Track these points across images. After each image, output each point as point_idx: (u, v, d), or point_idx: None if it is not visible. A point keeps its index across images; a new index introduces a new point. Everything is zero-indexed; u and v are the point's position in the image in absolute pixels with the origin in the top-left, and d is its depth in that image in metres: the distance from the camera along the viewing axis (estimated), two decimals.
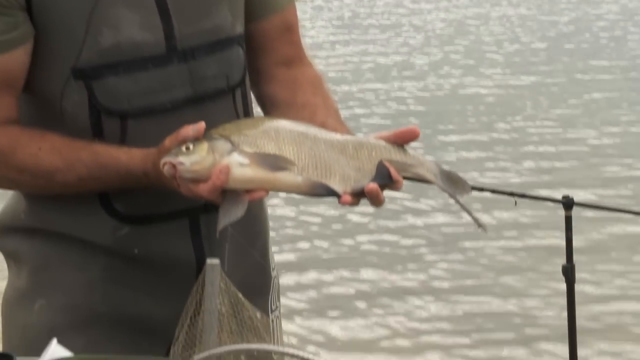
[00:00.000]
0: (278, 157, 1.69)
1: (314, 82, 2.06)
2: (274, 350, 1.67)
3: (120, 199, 1.87)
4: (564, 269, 4.45)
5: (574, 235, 4.43)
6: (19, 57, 1.80)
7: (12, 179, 1.89)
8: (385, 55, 11.38)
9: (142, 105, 1.84)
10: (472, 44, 12.40)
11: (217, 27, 1.90)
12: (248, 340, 1.68)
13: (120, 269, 1.91)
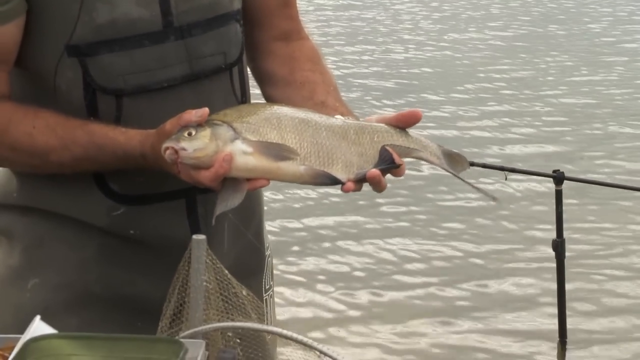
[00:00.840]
0: (281, 146, 1.69)
1: (312, 57, 2.05)
2: (258, 329, 1.68)
3: (116, 179, 1.86)
4: (554, 244, 4.48)
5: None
6: (11, 32, 1.78)
7: (5, 157, 1.88)
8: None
9: (138, 83, 1.82)
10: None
11: (214, 3, 1.88)
12: (235, 319, 1.68)
13: (116, 249, 1.90)
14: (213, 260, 1.68)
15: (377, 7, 12.85)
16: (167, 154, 1.64)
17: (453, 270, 5.76)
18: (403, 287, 5.52)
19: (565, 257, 4.49)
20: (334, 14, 11.99)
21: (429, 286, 5.52)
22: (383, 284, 5.56)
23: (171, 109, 1.76)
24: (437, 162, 1.84)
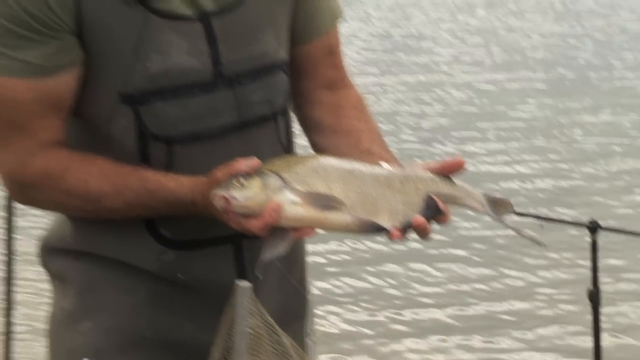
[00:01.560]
0: (329, 197, 1.70)
1: (357, 105, 2.07)
2: None
3: (166, 224, 1.88)
4: (589, 293, 4.44)
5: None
6: (67, 81, 1.81)
7: (60, 202, 1.89)
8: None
9: (188, 131, 1.85)
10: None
11: (262, 53, 1.90)
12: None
13: (165, 293, 1.92)
14: (258, 307, 1.70)
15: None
16: (218, 202, 1.67)
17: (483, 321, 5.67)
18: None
19: (601, 307, 4.45)
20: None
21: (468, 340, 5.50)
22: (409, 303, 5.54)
23: (220, 156, 1.79)
24: (481, 210, 1.85)
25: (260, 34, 1.90)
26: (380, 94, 9.79)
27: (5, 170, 1.86)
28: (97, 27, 1.79)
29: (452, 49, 12.18)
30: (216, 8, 1.85)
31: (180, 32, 1.82)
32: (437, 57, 11.70)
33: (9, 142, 1.82)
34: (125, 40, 1.80)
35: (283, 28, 1.96)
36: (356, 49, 11.71)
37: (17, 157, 1.83)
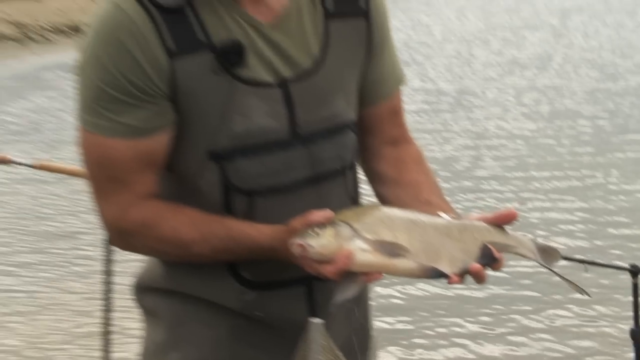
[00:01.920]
0: (395, 244, 1.71)
1: (417, 159, 2.08)
2: None
3: (246, 267, 1.90)
4: (632, 333, 4.39)
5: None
6: (162, 140, 1.84)
7: (154, 249, 1.93)
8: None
9: (267, 185, 1.87)
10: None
11: (334, 115, 1.93)
12: None
13: (245, 329, 1.94)
14: (328, 342, 1.74)
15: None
16: (296, 250, 1.70)
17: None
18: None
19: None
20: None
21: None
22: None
23: (296, 207, 1.82)
24: (532, 257, 1.86)
25: (332, 98, 1.92)
26: (440, 144, 9.77)
27: (106, 220, 1.89)
28: (189, 93, 1.82)
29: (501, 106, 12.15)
30: (294, 75, 1.88)
31: (261, 97, 1.85)
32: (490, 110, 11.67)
33: (110, 195, 1.86)
34: (213, 104, 1.83)
35: (352, 92, 1.98)
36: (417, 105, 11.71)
37: (117, 208, 1.86)
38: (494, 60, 15.96)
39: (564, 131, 10.60)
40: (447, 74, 14.42)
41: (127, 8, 1.80)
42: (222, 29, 1.83)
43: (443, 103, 12.09)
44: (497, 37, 18.86)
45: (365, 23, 1.98)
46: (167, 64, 1.80)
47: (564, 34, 19.77)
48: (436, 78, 14.02)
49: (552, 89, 13.21)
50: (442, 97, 12.49)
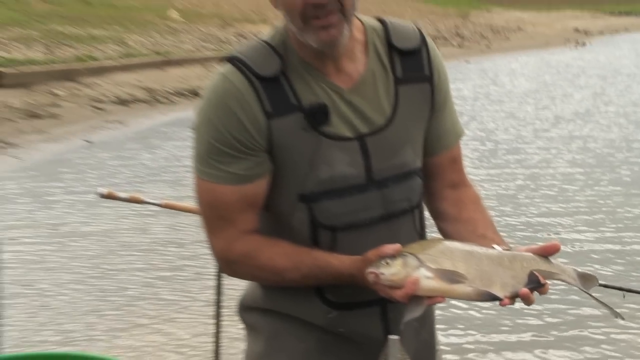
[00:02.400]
0: (454, 272, 1.71)
1: (474, 200, 2.06)
2: None
3: (331, 290, 1.90)
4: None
5: None
6: (261, 185, 1.86)
7: (254, 275, 1.95)
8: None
9: (347, 222, 1.87)
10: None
11: (403, 163, 1.92)
12: None
13: (329, 342, 1.93)
14: (403, 354, 1.73)
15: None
16: (370, 277, 1.70)
17: None
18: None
19: None
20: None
21: None
22: None
23: (371, 241, 1.81)
24: (573, 283, 1.83)
25: (401, 149, 1.91)
26: (496, 184, 9.66)
27: (215, 251, 1.91)
28: (283, 146, 1.83)
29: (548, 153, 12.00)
30: (369, 130, 1.87)
31: (342, 149, 1.85)
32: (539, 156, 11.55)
33: (218, 231, 1.88)
34: (302, 155, 1.84)
35: (418, 143, 1.97)
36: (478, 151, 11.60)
37: (224, 242, 1.88)
38: (542, 114, 15.79)
39: (604, 173, 10.42)
40: (503, 125, 14.28)
41: (233, 79, 1.83)
42: (310, 94, 1.85)
43: (500, 150, 11.94)
44: (544, 95, 18.64)
45: (429, 87, 1.97)
46: (266, 123, 1.82)
47: (604, 92, 19.49)
48: (494, 129, 13.88)
49: (592, 139, 13.02)
50: (499, 145, 12.35)
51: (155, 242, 6.95)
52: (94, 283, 6.06)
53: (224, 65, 1.87)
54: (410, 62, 1.96)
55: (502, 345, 5.15)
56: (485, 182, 9.69)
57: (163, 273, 6.25)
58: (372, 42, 1.93)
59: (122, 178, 9.41)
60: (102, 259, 6.62)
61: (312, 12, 1.77)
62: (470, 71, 21.85)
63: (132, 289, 5.93)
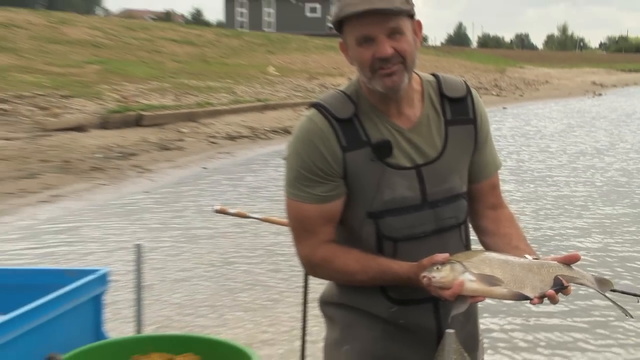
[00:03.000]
0: (493, 277, 1.69)
1: (509, 219, 2.02)
2: None
3: (393, 289, 1.89)
4: None
5: None
6: (338, 205, 1.86)
7: (331, 276, 1.95)
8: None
9: (406, 234, 1.85)
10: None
11: (451, 188, 1.90)
12: None
13: (392, 331, 1.91)
14: (457, 344, 1.71)
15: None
16: (424, 280, 1.69)
17: None
18: None
19: None
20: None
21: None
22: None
23: (425, 250, 1.79)
24: (591, 286, 1.79)
25: (450, 177, 1.89)
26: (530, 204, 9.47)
27: (301, 256, 1.92)
28: (355, 174, 1.83)
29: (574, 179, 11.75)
30: (424, 161, 1.86)
31: (402, 176, 1.84)
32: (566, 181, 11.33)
33: (303, 240, 1.89)
34: (370, 181, 1.83)
35: (464, 171, 1.94)
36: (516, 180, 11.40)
37: (308, 249, 1.89)
38: (567, 149, 15.48)
39: (620, 196, 10.16)
40: (536, 158, 14.03)
41: (317, 120, 1.84)
42: (377, 133, 1.84)
43: (536, 178, 11.72)
44: (569, 134, 18.27)
45: (473, 128, 1.95)
46: (342, 156, 1.82)
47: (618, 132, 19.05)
48: (528, 160, 13.67)
49: (610, 169, 12.72)
50: (533, 173, 12.13)
51: (259, 246, 6.98)
52: (214, 275, 6.13)
53: (310, 109, 1.87)
54: (458, 108, 1.94)
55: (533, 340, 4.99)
56: (521, 201, 9.50)
57: (265, 269, 6.28)
58: (427, 91, 1.92)
59: (231, 195, 9.52)
60: (220, 256, 6.69)
61: (379, 64, 1.77)
62: (507, 115, 21.58)
63: (242, 281, 5.97)
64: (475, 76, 35.51)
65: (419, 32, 1.85)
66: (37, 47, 21.32)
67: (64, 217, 7.93)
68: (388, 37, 1.76)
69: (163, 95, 17.29)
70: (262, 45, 33.47)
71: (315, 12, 54.36)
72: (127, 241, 6.91)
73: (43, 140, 11.67)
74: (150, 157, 11.68)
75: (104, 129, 13.12)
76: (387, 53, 1.75)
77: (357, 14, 1.73)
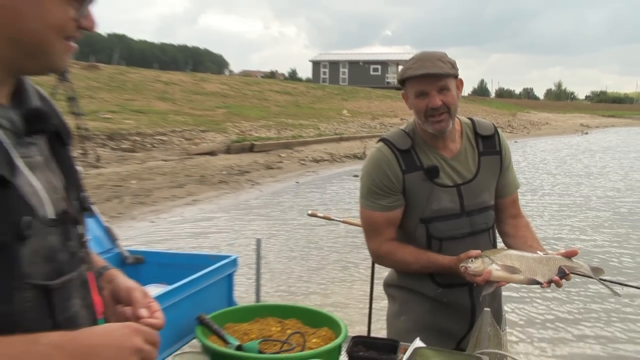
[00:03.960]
0: (513, 267, 1.63)
1: (526, 225, 1.94)
2: (505, 354, 1.60)
3: (438, 276, 1.84)
4: None
5: None
6: (398, 213, 1.82)
7: (392, 265, 1.91)
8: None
9: (448, 235, 1.81)
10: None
11: (483, 201, 1.84)
12: (499, 349, 1.63)
13: (438, 307, 1.86)
14: (493, 321, 1.64)
15: None
16: (462, 269, 1.65)
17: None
18: None
19: None
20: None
21: None
22: None
23: (462, 247, 1.74)
24: (587, 274, 1.71)
25: (482, 193, 1.84)
26: (540, 215, 9.09)
27: (370, 250, 1.88)
28: (411, 190, 1.80)
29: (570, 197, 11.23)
30: (462, 182, 1.82)
31: (446, 192, 1.80)
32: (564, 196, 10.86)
33: (372, 238, 1.86)
34: (422, 195, 1.79)
35: (492, 189, 1.88)
36: (528, 198, 10.99)
37: (376, 245, 1.85)
38: (563, 171, 14.81)
39: (607, 206, 9.67)
40: (540, 178, 13.47)
41: (384, 150, 1.82)
42: (427, 160, 1.81)
43: (540, 192, 11.20)
44: (563, 161, 17.48)
45: (499, 158, 1.89)
46: (402, 176, 1.79)
47: (602, 159, 18.16)
48: (534, 179, 13.11)
49: (598, 186, 12.13)
50: (540, 189, 11.59)
51: (339, 239, 6.93)
52: (310, 257, 6.12)
53: (379, 142, 1.85)
54: (488, 143, 1.88)
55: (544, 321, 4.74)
56: (532, 209, 9.12)
57: (344, 258, 6.22)
58: (465, 130, 1.88)
59: (317, 202, 9.49)
60: (312, 244, 6.71)
61: (431, 112, 1.74)
62: (517, 147, 20.85)
63: (328, 264, 5.94)
64: (494, 118, 34.47)
65: (460, 88, 1.81)
66: (185, 97, 22.04)
67: (200, 216, 8.09)
68: (438, 92, 1.73)
69: (268, 130, 17.53)
70: (339, 95, 33.52)
71: (377, 71, 54.28)
72: (244, 232, 7.02)
73: (187, 161, 12.02)
74: (259, 174, 11.79)
75: (227, 154, 13.40)
76: (437, 104, 1.73)
77: (417, 76, 1.72)
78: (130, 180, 9.77)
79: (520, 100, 79.62)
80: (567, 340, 4.29)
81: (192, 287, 1.49)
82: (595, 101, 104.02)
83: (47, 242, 0.80)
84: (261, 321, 1.57)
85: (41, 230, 0.78)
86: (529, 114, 44.90)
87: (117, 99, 18.48)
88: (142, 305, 0.93)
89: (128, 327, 0.80)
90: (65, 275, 0.82)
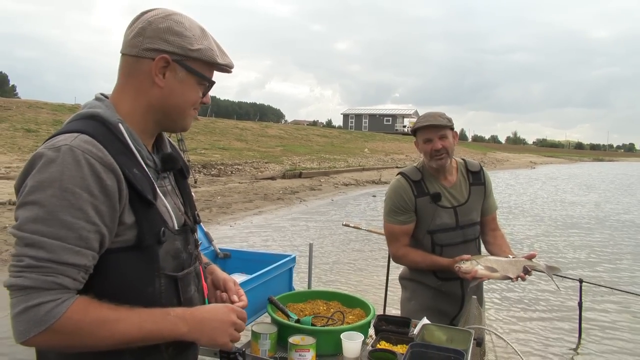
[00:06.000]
0: (492, 267, 1.59)
1: (501, 236, 1.88)
2: (485, 328, 1.53)
3: (439, 272, 1.79)
4: None
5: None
6: (412, 226, 1.79)
7: (406, 264, 1.83)
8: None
9: (447, 243, 1.77)
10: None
11: (472, 219, 1.80)
12: (481, 324, 1.53)
13: (439, 295, 1.81)
14: (477, 305, 1.59)
15: None
16: (456, 268, 1.61)
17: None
18: None
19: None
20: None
21: None
22: None
23: (457, 253, 1.70)
24: (544, 270, 1.64)
25: (471, 212, 1.80)
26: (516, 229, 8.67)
27: (391, 253, 1.84)
28: (421, 209, 1.77)
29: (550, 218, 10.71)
30: (458, 204, 1.78)
31: (446, 212, 1.76)
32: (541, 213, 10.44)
33: (392, 244, 1.82)
34: (428, 213, 1.76)
35: (479, 210, 1.84)
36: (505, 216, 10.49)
37: (395, 249, 1.82)
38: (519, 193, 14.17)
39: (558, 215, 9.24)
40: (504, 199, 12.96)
41: (401, 181, 1.80)
42: (433, 188, 1.78)
43: (511, 210, 10.62)
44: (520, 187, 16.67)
45: (483, 187, 1.86)
46: (414, 200, 1.77)
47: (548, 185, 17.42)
48: (503, 201, 12.65)
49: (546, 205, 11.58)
50: (509, 209, 11.10)
51: (366, 242, 6.76)
52: (337, 254, 5.97)
53: (398, 175, 1.83)
54: (476, 177, 1.85)
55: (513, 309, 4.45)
56: (509, 228, 8.52)
57: (369, 255, 6.06)
58: (460, 167, 1.85)
59: (347, 215, 9.31)
60: (343, 244, 6.56)
61: (434, 153, 1.73)
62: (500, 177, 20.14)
63: (355, 259, 5.78)
64: (471, 156, 33.39)
65: (456, 137, 1.80)
66: (254, 139, 22.40)
67: (264, 223, 8.08)
68: (439, 139, 1.72)
69: (312, 162, 17.54)
70: (361, 138, 33.42)
71: (389, 122, 55.02)
72: (294, 235, 6.95)
73: (255, 183, 12.15)
74: (305, 193, 11.75)
75: (283, 179, 13.49)
76: (438, 147, 1.72)
77: (424, 127, 1.72)
78: (217, 196, 9.95)
79: (489, 144, 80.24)
80: (525, 319, 4.03)
81: (264, 277, 1.51)
82: (539, 146, 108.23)
83: (174, 245, 0.86)
84: (312, 302, 1.57)
85: (171, 237, 0.85)
86: (495, 154, 44.32)
87: (208, 139, 19.02)
88: (234, 292, 0.98)
89: (227, 307, 0.86)
90: (186, 269, 0.88)
